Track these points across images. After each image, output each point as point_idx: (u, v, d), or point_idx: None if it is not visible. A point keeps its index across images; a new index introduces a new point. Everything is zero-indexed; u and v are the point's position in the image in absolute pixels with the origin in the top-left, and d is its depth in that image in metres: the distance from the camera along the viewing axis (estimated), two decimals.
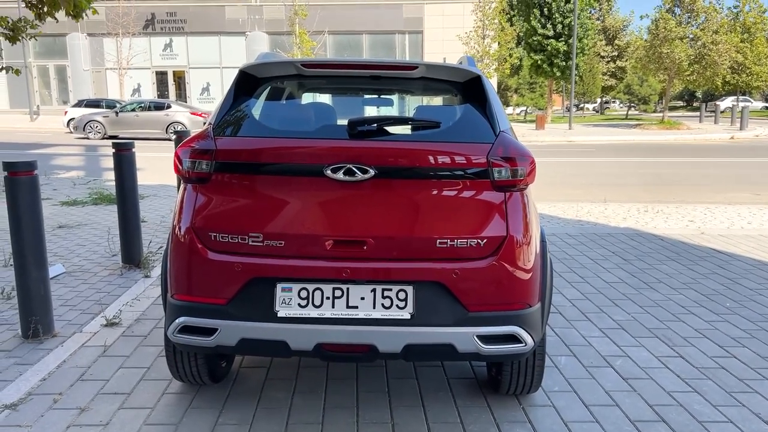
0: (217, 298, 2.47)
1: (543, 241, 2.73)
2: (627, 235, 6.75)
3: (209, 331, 2.48)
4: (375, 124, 2.57)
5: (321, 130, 2.72)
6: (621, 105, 54.58)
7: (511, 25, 29.63)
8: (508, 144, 2.54)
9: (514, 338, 2.48)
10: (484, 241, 2.44)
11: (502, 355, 2.54)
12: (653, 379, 3.28)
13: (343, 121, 2.62)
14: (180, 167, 2.57)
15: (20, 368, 3.30)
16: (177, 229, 2.56)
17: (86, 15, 7.98)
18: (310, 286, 2.43)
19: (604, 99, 53.29)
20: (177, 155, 2.59)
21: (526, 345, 2.49)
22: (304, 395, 3.04)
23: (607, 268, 5.43)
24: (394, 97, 3.64)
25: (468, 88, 2.80)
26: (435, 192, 2.47)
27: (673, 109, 45.79)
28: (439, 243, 2.43)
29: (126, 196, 5.11)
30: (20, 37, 8.59)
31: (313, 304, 2.43)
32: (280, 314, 2.42)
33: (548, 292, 2.72)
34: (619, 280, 5.06)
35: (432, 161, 2.47)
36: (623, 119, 39.22)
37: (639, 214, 8.15)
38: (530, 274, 2.53)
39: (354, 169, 2.41)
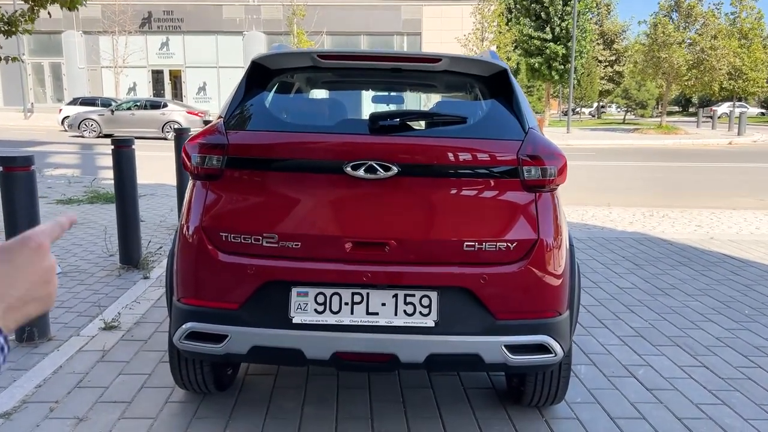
0: (228, 303, 2.32)
1: (571, 245, 2.59)
2: (635, 240, 6.61)
3: (219, 338, 2.33)
4: (398, 119, 2.42)
5: (340, 125, 2.57)
6: (618, 109, 54.59)
7: (509, 30, 29.52)
8: (539, 141, 2.40)
9: (543, 348, 2.33)
10: (514, 244, 2.30)
11: (531, 366, 2.39)
12: (679, 390, 3.13)
13: (363, 116, 2.47)
14: (189, 163, 2.42)
15: (14, 374, 3.13)
16: (185, 228, 2.40)
17: (83, 6, 7.82)
18: (328, 291, 2.28)
19: (601, 103, 53.33)
20: (185, 150, 2.43)
21: (555, 355, 2.35)
22: (315, 405, 2.89)
23: (618, 273, 5.29)
24: (415, 92, 3.50)
25: (493, 82, 2.66)
26: (461, 192, 2.33)
27: (669, 114, 45.83)
28: (466, 246, 2.28)
29: (125, 194, 4.94)
30: (17, 31, 8.40)
31: (331, 310, 2.27)
32: (295, 320, 2.27)
33: (576, 299, 2.58)
34: (633, 286, 4.92)
35: (458, 159, 2.32)
36: (620, 123, 39.20)
37: (645, 219, 8.03)
38: (561, 280, 2.39)
39: (376, 166, 2.26)
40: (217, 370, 2.82)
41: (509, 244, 2.29)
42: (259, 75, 2.66)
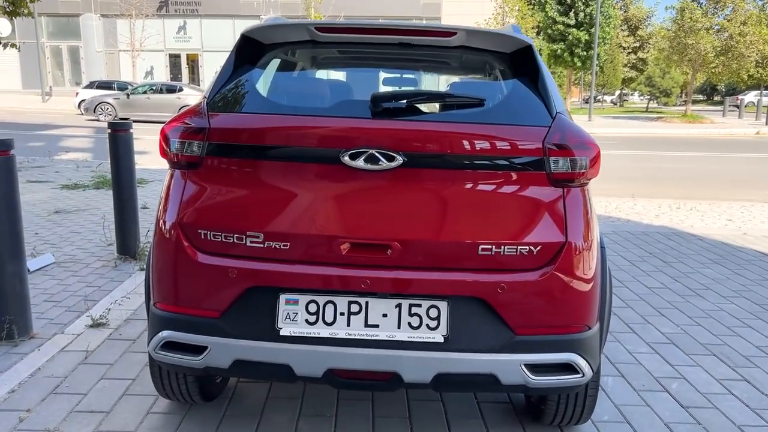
0: (208, 310, 2.03)
1: (602, 248, 2.26)
2: (663, 234, 6.24)
3: (198, 350, 2.05)
4: (404, 101, 2.10)
5: (338, 107, 2.25)
6: (641, 97, 53.44)
7: (532, 15, 28.85)
8: (568, 128, 2.06)
9: (569, 368, 2.02)
10: (538, 248, 1.97)
11: (554, 388, 2.08)
12: (718, 408, 2.80)
13: (364, 97, 2.15)
14: (166, 148, 2.12)
15: None
16: (161, 224, 2.11)
17: None
18: (321, 299, 1.98)
19: (623, 91, 52.26)
20: (163, 134, 2.13)
21: (583, 375, 2.03)
22: (310, 420, 2.60)
23: (646, 271, 4.93)
24: (428, 72, 3.17)
25: (516, 59, 2.32)
26: (477, 186, 2.01)
27: (694, 102, 44.70)
28: (481, 250, 1.96)
29: (122, 180, 4.68)
30: (21, 12, 8.21)
31: (324, 321, 1.98)
32: (284, 332, 1.97)
33: (608, 310, 2.26)
34: (662, 286, 4.57)
35: (474, 148, 2.00)
36: (643, 112, 38.33)
37: (672, 211, 7.63)
38: (591, 289, 2.06)
39: (377, 155, 1.95)
40: (202, 380, 2.54)
41: (532, 248, 1.97)
42: (250, 50, 2.36)
